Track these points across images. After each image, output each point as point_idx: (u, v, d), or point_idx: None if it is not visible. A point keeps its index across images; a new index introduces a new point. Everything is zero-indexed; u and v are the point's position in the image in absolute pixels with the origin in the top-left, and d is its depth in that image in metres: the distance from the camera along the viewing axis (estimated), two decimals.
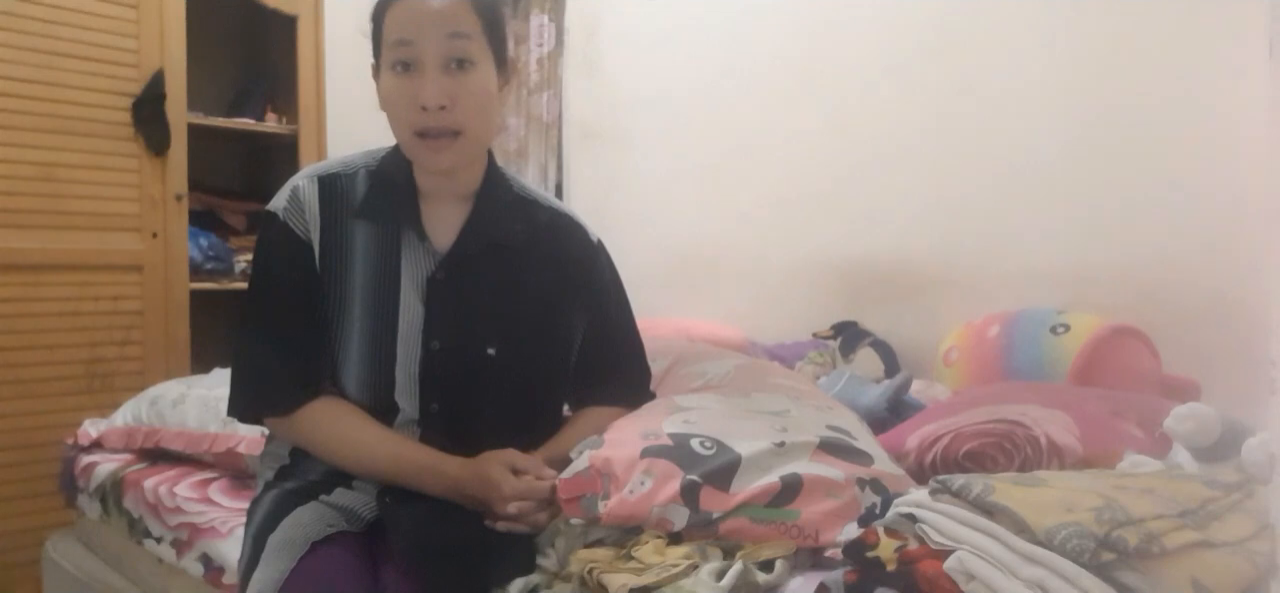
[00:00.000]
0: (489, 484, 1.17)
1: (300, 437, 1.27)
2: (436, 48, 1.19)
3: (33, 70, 2.43)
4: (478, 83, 1.22)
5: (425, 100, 1.19)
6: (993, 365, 1.92)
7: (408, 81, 1.20)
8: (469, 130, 1.23)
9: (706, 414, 1.27)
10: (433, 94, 1.19)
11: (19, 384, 2.45)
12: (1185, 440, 1.22)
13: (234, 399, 1.29)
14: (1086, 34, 2.07)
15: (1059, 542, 0.82)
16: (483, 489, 1.18)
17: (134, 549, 1.83)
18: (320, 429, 1.25)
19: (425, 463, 1.22)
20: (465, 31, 1.21)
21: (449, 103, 1.20)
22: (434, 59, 1.19)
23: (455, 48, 1.20)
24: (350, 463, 1.24)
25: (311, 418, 1.25)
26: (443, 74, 1.20)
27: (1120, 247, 2.01)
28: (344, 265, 1.26)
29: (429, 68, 1.19)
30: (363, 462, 1.24)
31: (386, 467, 1.23)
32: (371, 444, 1.23)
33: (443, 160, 1.24)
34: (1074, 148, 2.08)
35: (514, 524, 1.16)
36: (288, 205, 1.27)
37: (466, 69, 1.21)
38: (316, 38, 3.05)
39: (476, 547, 1.16)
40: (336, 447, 1.24)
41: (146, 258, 2.65)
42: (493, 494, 1.17)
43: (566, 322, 1.36)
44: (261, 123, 3.07)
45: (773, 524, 1.10)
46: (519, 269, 1.30)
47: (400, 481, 1.23)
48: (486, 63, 1.24)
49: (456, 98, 1.20)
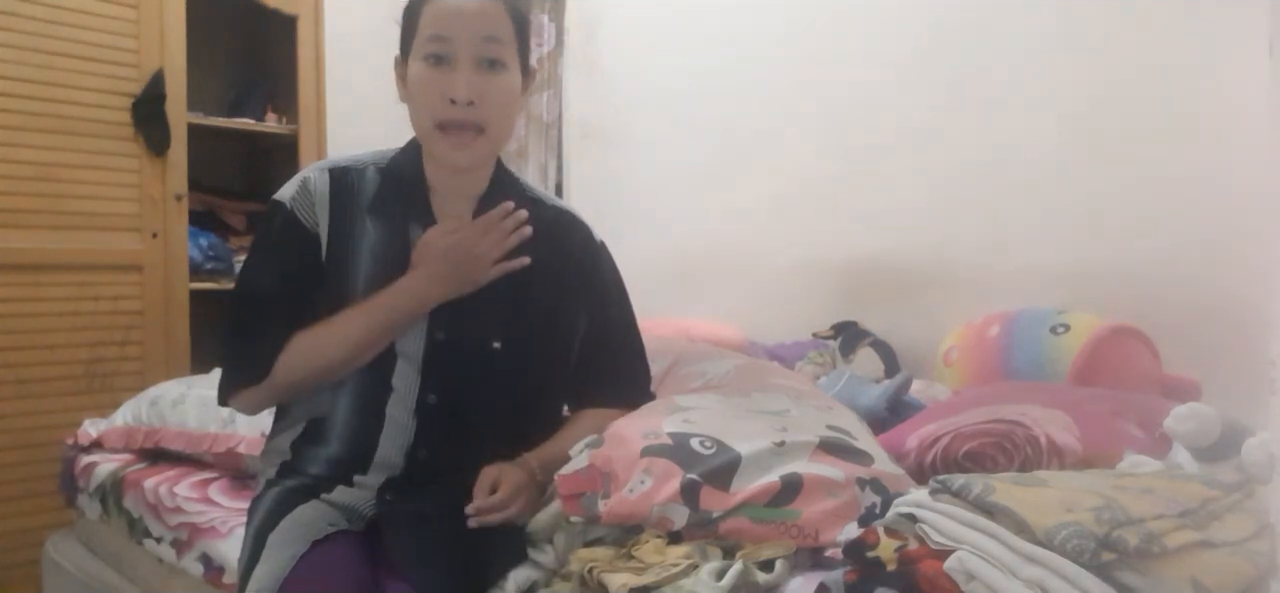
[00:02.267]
0: (468, 248, 1.24)
1: (279, 381, 1.26)
2: (471, 47, 1.22)
3: (33, 70, 2.43)
4: (506, 84, 1.26)
5: (456, 94, 1.22)
6: (993, 365, 1.92)
7: (439, 74, 1.23)
8: (492, 129, 1.26)
9: (706, 414, 1.27)
10: (464, 89, 1.22)
11: (19, 384, 2.44)
12: (1185, 440, 1.22)
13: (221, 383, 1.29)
14: (1086, 34, 2.07)
15: (1059, 542, 0.82)
16: (463, 255, 1.24)
17: (134, 549, 1.83)
18: (289, 356, 1.24)
19: (393, 291, 1.23)
20: (499, 35, 1.24)
21: (478, 99, 1.23)
22: (468, 56, 1.22)
23: (489, 49, 1.23)
24: (328, 358, 1.24)
25: (282, 359, 1.24)
26: (474, 72, 1.23)
27: (1120, 247, 2.01)
28: (351, 257, 1.27)
29: (462, 64, 1.22)
30: (335, 345, 1.23)
31: (360, 329, 1.23)
32: (338, 324, 1.23)
33: (462, 157, 1.26)
34: (1074, 148, 2.08)
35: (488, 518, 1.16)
36: (297, 194, 1.28)
37: (497, 70, 1.24)
38: (316, 38, 3.04)
39: (471, 545, 1.16)
40: (310, 358, 1.24)
41: (146, 258, 2.65)
42: (475, 259, 1.23)
43: (568, 320, 1.36)
44: (261, 123, 3.07)
45: (773, 524, 1.10)
46: (524, 267, 1.30)
47: (380, 331, 1.23)
48: (514, 67, 1.27)
49: (485, 96, 1.23)
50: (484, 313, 1.28)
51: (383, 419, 1.25)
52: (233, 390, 1.29)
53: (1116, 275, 1.99)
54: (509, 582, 1.13)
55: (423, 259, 1.25)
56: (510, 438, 1.27)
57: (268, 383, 1.26)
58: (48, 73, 2.45)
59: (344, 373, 1.25)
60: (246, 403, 1.31)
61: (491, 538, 1.17)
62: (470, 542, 1.16)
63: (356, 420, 1.26)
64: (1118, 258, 2.01)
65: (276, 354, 1.24)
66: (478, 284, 1.26)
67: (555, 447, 1.27)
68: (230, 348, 1.31)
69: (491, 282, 1.27)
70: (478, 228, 1.26)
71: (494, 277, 1.27)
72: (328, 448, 1.27)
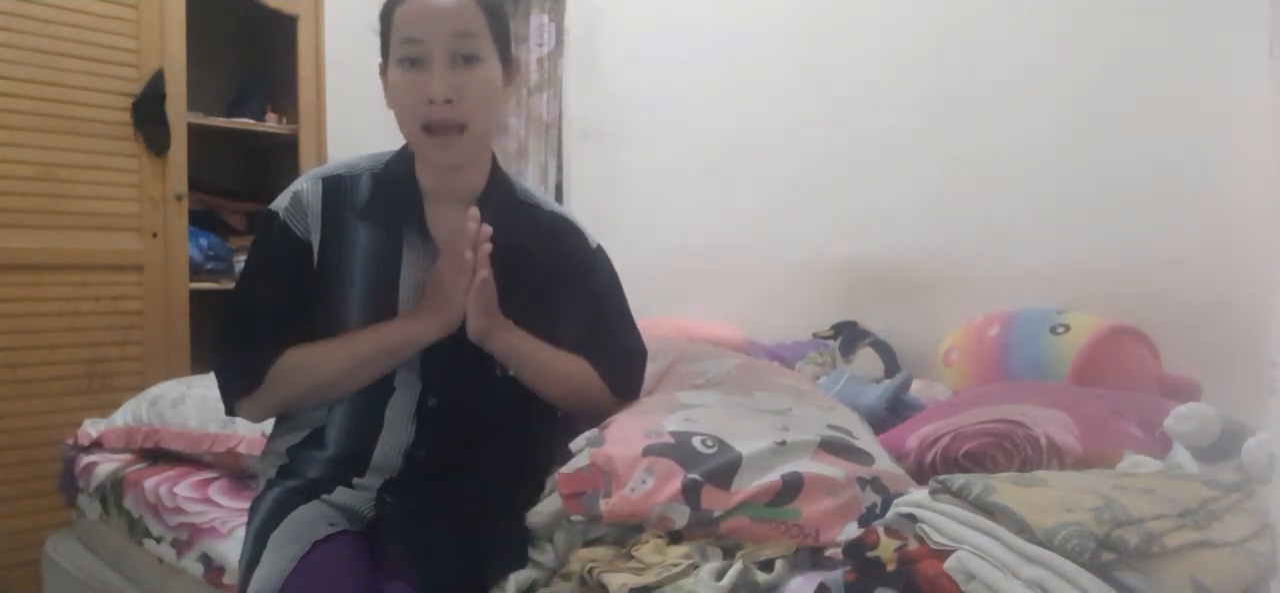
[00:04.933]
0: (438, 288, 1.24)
1: (273, 395, 1.26)
2: (444, 44, 1.22)
3: (33, 70, 2.43)
4: (483, 77, 1.25)
5: (432, 94, 1.21)
6: (993, 365, 1.92)
7: (415, 76, 1.23)
8: (474, 124, 1.25)
9: (708, 412, 1.27)
10: (439, 88, 1.21)
11: (19, 384, 2.44)
12: (1185, 440, 1.22)
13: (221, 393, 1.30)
14: (1087, 34, 2.07)
15: (1059, 542, 0.82)
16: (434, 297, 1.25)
17: (134, 549, 1.83)
18: (282, 370, 1.24)
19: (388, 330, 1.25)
20: (472, 29, 1.23)
21: (455, 96, 1.22)
22: (441, 55, 1.22)
23: (462, 45, 1.23)
24: (321, 378, 1.24)
25: (274, 372, 1.24)
26: (449, 69, 1.22)
27: (1120, 247, 2.01)
28: (345, 264, 1.27)
29: (437, 63, 1.22)
30: (328, 371, 1.24)
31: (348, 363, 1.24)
32: (332, 349, 1.24)
33: (448, 156, 1.26)
34: (1074, 148, 2.08)
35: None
36: (289, 206, 1.28)
37: (473, 65, 1.24)
38: (316, 38, 3.05)
39: (471, 545, 1.16)
40: (303, 376, 1.24)
41: (146, 258, 2.65)
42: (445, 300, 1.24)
43: (563, 327, 1.36)
44: (261, 123, 3.07)
45: (773, 523, 1.10)
46: (520, 270, 1.31)
47: (371, 366, 1.24)
48: (492, 59, 1.26)
49: (463, 92, 1.23)
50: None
51: (382, 421, 1.26)
52: (232, 400, 1.29)
53: (1116, 275, 1.99)
54: (509, 582, 1.13)
55: (420, 297, 1.26)
56: (508, 441, 1.27)
57: (261, 394, 1.26)
58: (48, 73, 2.45)
59: (339, 395, 1.26)
60: (248, 412, 1.31)
61: (491, 538, 1.17)
62: (470, 542, 1.16)
63: (356, 422, 1.26)
64: (1118, 258, 2.01)
65: (269, 363, 1.24)
66: (458, 322, 1.25)
67: (543, 352, 1.30)
68: (221, 357, 1.31)
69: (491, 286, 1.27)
70: (443, 265, 1.25)
71: (465, 310, 1.25)
72: (326, 450, 1.27)
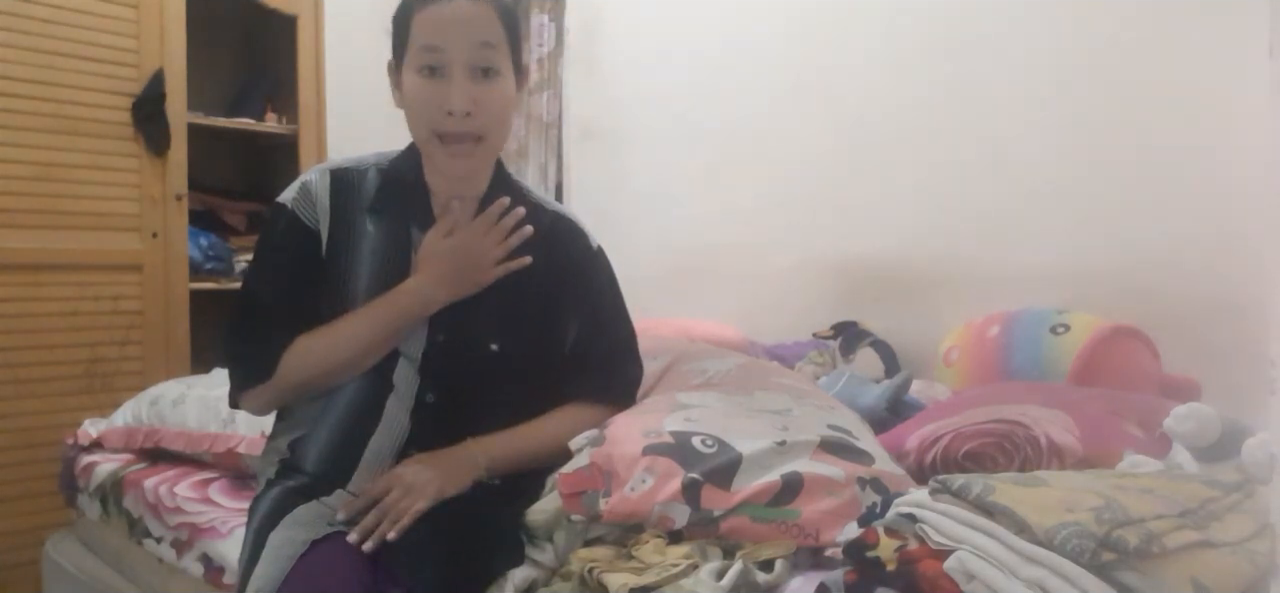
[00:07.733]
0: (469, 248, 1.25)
1: (284, 382, 1.26)
2: (465, 55, 1.22)
3: (33, 70, 2.43)
4: (501, 91, 1.26)
5: (453, 106, 1.22)
6: (993, 365, 1.91)
7: (435, 86, 1.23)
8: (490, 137, 1.27)
9: (708, 412, 1.27)
10: (460, 101, 1.22)
11: (19, 384, 2.44)
12: (1185, 441, 1.22)
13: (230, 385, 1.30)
14: (1087, 34, 2.07)
15: (1059, 542, 0.82)
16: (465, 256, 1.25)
17: (134, 549, 1.83)
18: (293, 357, 1.24)
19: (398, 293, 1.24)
20: (492, 40, 1.24)
21: (474, 109, 1.23)
22: (462, 66, 1.22)
23: (483, 56, 1.23)
24: (333, 358, 1.24)
25: (286, 358, 1.25)
26: (469, 81, 1.23)
27: (1120, 247, 2.01)
28: (352, 257, 1.28)
29: (457, 74, 1.22)
30: (341, 346, 1.24)
31: (365, 331, 1.23)
32: (343, 326, 1.24)
33: (461, 166, 1.27)
34: (1074, 148, 2.08)
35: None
36: (298, 196, 1.29)
37: (491, 78, 1.25)
38: (316, 38, 3.05)
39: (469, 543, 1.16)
40: (314, 359, 1.24)
41: (146, 258, 2.65)
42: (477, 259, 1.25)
43: (563, 324, 1.36)
44: (261, 123, 3.06)
45: (773, 523, 1.10)
46: (522, 269, 1.31)
47: (385, 333, 1.24)
48: (508, 71, 1.27)
49: (482, 105, 1.23)
50: (484, 315, 1.29)
51: (381, 417, 1.26)
52: (241, 391, 1.29)
53: (1116, 275, 1.99)
54: (508, 582, 1.13)
55: (426, 262, 1.26)
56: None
57: (273, 383, 1.26)
58: (48, 73, 2.45)
59: (350, 375, 1.26)
60: (255, 404, 1.31)
61: (490, 538, 1.17)
62: (469, 541, 1.16)
63: (354, 418, 1.26)
64: (1118, 258, 2.00)
65: (280, 354, 1.25)
66: (481, 285, 1.27)
67: (516, 440, 1.28)
68: (233, 349, 1.31)
69: (491, 285, 1.28)
70: (478, 228, 1.26)
71: (497, 276, 1.27)
72: (324, 446, 1.27)
